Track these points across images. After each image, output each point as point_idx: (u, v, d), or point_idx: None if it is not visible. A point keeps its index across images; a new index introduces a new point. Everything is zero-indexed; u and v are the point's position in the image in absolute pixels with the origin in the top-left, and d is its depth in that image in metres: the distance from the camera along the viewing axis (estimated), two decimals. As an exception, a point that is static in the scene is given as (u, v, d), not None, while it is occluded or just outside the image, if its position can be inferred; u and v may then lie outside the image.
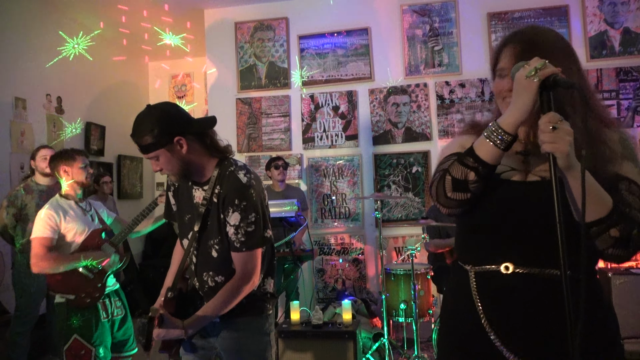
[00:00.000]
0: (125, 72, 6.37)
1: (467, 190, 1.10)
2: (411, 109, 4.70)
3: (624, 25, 4.41)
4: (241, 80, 5.03)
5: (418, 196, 4.64)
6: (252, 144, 4.98)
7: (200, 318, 1.63)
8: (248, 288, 1.64)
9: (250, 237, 1.63)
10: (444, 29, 4.68)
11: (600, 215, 1.01)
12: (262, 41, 5.01)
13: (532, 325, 1.09)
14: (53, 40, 4.87)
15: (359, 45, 4.81)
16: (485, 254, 1.17)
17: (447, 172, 1.13)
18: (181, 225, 1.83)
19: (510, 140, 1.05)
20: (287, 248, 3.66)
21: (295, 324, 3.13)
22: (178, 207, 1.84)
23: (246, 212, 1.61)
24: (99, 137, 5.86)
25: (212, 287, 1.70)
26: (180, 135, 1.60)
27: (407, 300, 3.34)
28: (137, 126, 1.62)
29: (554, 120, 0.95)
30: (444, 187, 1.13)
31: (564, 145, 0.94)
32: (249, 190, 1.63)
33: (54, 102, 5.13)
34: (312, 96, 4.88)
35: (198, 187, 1.72)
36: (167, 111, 1.63)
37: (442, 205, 1.16)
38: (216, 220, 1.67)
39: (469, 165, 1.09)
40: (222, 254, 1.68)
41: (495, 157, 1.07)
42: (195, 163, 1.67)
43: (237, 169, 1.67)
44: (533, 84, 0.97)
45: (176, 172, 1.67)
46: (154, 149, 1.60)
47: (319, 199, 4.83)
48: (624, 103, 4.37)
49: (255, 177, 1.69)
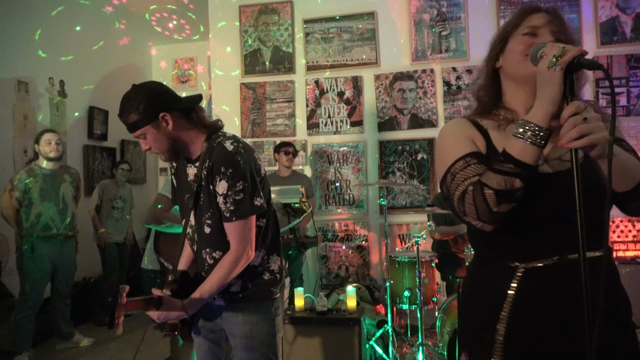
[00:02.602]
0: (129, 56, 6.32)
1: (513, 199, 1.00)
2: (417, 95, 4.65)
3: (636, 10, 4.31)
4: (245, 64, 4.97)
5: (423, 183, 4.61)
6: (256, 130, 4.94)
7: (199, 296, 1.61)
8: (244, 261, 1.61)
9: (240, 206, 1.59)
10: (452, 13, 4.60)
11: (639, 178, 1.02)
12: (266, 25, 4.94)
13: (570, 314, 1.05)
14: (57, 23, 4.82)
15: (365, 29, 4.74)
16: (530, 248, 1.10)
17: (485, 185, 1.00)
18: (182, 205, 1.82)
19: (546, 135, 0.98)
20: (292, 235, 3.64)
21: (300, 310, 3.12)
22: (178, 188, 1.84)
23: (234, 180, 1.58)
24: (102, 122, 5.83)
25: (211, 264, 1.68)
26: (165, 111, 1.61)
27: (411, 287, 3.33)
28: (123, 105, 1.63)
29: (580, 109, 0.90)
30: (487, 203, 0.99)
31: (603, 132, 0.90)
32: (235, 157, 1.60)
33: (56, 86, 5.09)
34: (317, 81, 4.83)
35: (191, 164, 1.72)
36: (152, 88, 1.65)
37: (487, 222, 1.02)
38: (207, 194, 1.65)
39: (510, 172, 0.98)
40: (215, 229, 1.66)
41: (535, 156, 0.98)
42: (182, 139, 1.66)
43: (225, 139, 1.66)
44: (556, 75, 0.92)
45: (164, 150, 1.66)
46: (140, 126, 1.61)
47: (323, 185, 4.80)
48: (634, 90, 4.30)
49: (244, 146, 1.66)
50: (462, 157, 1.10)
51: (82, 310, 4.79)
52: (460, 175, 1.07)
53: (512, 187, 0.98)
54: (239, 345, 1.71)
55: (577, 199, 0.89)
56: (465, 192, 1.04)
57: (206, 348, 1.81)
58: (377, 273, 4.66)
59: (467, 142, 1.14)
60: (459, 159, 1.10)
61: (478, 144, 1.16)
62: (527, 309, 1.08)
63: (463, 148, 1.12)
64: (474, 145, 1.14)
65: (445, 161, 1.13)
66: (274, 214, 1.81)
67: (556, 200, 1.06)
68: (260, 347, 1.69)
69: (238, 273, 1.63)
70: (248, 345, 1.69)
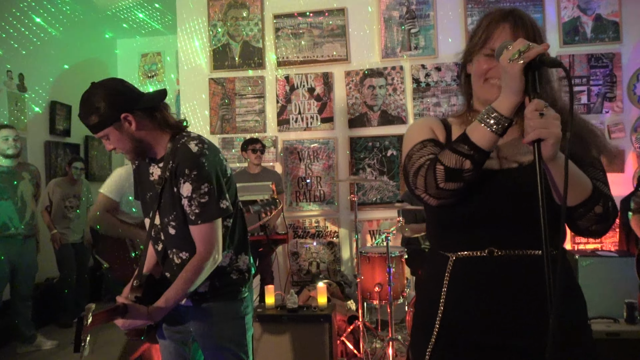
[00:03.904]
0: (93, 49, 6.12)
1: (461, 179, 1.04)
2: (387, 91, 4.68)
3: (596, 11, 4.46)
4: (214, 59, 4.89)
5: (393, 180, 4.65)
6: (225, 126, 4.88)
7: (165, 301, 1.57)
8: (210, 264, 1.58)
9: (205, 209, 1.56)
10: (421, 11, 4.65)
11: (585, 196, 1.04)
12: (235, 19, 4.87)
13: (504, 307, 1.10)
14: (16, 14, 4.62)
15: (335, 26, 4.73)
16: (465, 240, 1.15)
17: (438, 161, 1.06)
18: (144, 204, 1.78)
19: (507, 125, 1.01)
20: (262, 232, 3.61)
21: (270, 307, 3.11)
22: (140, 186, 1.79)
23: (198, 182, 1.54)
24: (65, 117, 5.64)
25: (179, 264, 1.64)
26: (126, 111, 1.56)
27: (381, 282, 3.36)
28: (82, 105, 1.58)
29: (540, 107, 0.93)
30: (435, 178, 1.06)
31: (556, 129, 0.93)
32: (200, 159, 1.56)
33: (15, 79, 4.88)
34: (287, 77, 4.79)
35: (154, 164, 1.68)
36: (112, 87, 1.58)
37: (433, 196, 1.09)
38: (170, 196, 1.61)
39: (463, 153, 1.03)
40: (180, 230, 1.62)
41: (492, 143, 1.03)
42: (146, 140, 1.62)
43: (189, 139, 1.61)
44: (515, 67, 0.95)
45: (129, 151, 1.63)
46: (102, 128, 1.57)
47: (294, 182, 4.78)
48: (594, 89, 4.45)
49: (209, 147, 1.62)
50: (420, 141, 1.19)
51: (45, 312, 4.63)
52: (417, 155, 1.16)
53: (461, 168, 1.04)
54: (208, 345, 1.68)
55: (540, 194, 0.91)
56: (420, 167, 1.12)
57: (172, 350, 1.77)
58: (348, 269, 4.68)
59: (427, 132, 1.22)
60: (417, 143, 1.19)
61: (438, 134, 1.24)
62: (459, 299, 1.14)
63: (422, 135, 1.21)
64: (433, 134, 1.23)
65: (406, 150, 1.21)
66: (241, 213, 1.78)
67: (499, 196, 1.11)
68: (231, 347, 1.67)
69: (205, 277, 1.59)
70: (218, 345, 1.67)
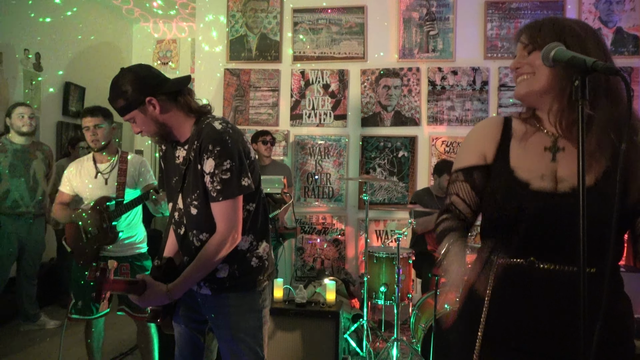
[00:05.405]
0: (109, 32, 6.11)
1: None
2: (402, 92, 4.67)
3: (617, 24, 4.44)
4: (231, 50, 4.88)
5: (402, 181, 4.65)
6: (238, 117, 4.87)
7: (184, 280, 1.59)
8: (229, 243, 1.59)
9: (227, 185, 1.57)
10: (441, 13, 4.63)
11: None
12: (254, 11, 4.86)
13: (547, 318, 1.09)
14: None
15: (354, 23, 4.72)
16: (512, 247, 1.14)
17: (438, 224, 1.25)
18: (169, 189, 1.80)
19: None
20: (270, 225, 3.62)
21: (278, 301, 3.11)
22: (166, 172, 1.81)
23: (220, 159, 1.56)
24: (78, 99, 5.63)
25: (198, 247, 1.65)
26: (151, 95, 1.62)
27: (387, 283, 3.36)
28: (111, 90, 1.66)
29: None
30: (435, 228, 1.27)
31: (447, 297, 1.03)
32: (224, 135, 1.59)
33: (32, 58, 4.89)
34: (302, 72, 4.79)
35: (180, 147, 1.72)
36: (138, 73, 1.65)
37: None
38: (193, 175, 1.64)
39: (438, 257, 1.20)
40: (202, 210, 1.64)
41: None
42: (170, 123, 1.67)
43: (214, 120, 1.66)
44: None
45: (154, 133, 1.69)
46: (128, 111, 1.64)
47: (303, 177, 4.79)
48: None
49: (233, 127, 1.66)
50: (462, 169, 1.23)
51: (49, 291, 4.64)
52: (449, 188, 1.26)
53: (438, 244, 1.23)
54: (225, 336, 1.69)
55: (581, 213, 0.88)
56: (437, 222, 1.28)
57: (187, 337, 1.79)
58: (352, 267, 4.69)
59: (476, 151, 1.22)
60: (459, 169, 1.24)
61: (487, 151, 1.21)
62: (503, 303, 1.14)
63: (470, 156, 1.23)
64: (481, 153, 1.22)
65: (457, 159, 1.26)
66: (264, 201, 1.79)
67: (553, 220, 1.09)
68: (247, 339, 1.68)
69: (224, 256, 1.60)
70: (234, 336, 1.67)
